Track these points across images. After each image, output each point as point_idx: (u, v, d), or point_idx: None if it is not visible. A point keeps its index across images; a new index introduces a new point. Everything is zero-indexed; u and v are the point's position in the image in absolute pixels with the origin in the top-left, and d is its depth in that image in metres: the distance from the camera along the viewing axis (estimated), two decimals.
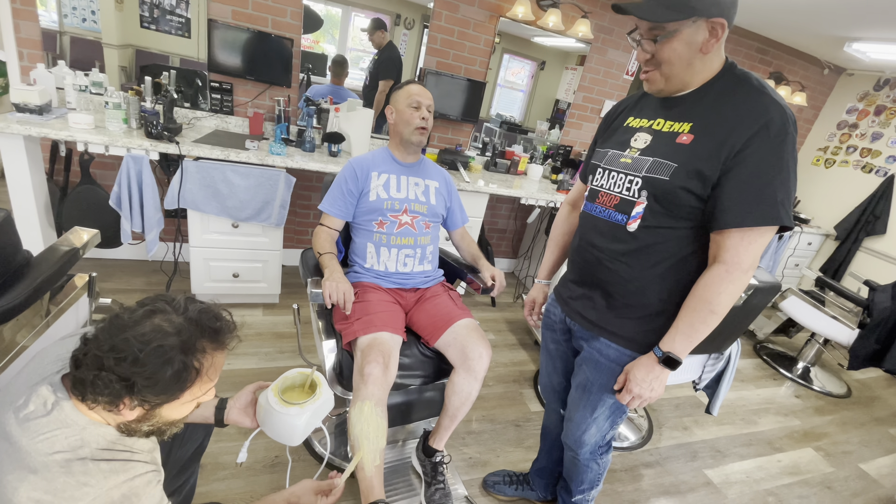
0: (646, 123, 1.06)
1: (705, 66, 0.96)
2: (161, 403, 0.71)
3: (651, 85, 1.01)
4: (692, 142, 0.95)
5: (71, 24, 2.20)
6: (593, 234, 1.13)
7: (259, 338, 2.28)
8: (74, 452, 0.65)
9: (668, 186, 0.96)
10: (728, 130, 0.90)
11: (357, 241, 1.63)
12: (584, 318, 1.17)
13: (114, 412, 0.69)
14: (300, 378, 1.10)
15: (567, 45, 3.10)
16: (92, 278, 1.37)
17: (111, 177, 2.41)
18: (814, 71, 3.74)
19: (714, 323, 0.96)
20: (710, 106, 0.95)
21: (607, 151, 1.12)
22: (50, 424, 0.66)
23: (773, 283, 1.60)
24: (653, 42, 0.94)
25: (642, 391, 1.04)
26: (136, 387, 0.66)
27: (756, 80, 0.94)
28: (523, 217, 3.57)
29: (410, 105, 1.53)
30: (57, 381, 0.71)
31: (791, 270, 3.98)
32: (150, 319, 0.69)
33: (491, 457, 1.87)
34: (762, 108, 0.89)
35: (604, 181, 1.10)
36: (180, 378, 0.69)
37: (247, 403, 1.08)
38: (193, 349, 0.70)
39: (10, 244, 1.10)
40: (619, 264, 1.07)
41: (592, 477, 1.37)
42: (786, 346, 3.43)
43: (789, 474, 2.15)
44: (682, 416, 2.40)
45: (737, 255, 0.93)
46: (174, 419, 0.77)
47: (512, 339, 2.78)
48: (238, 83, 2.50)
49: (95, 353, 0.66)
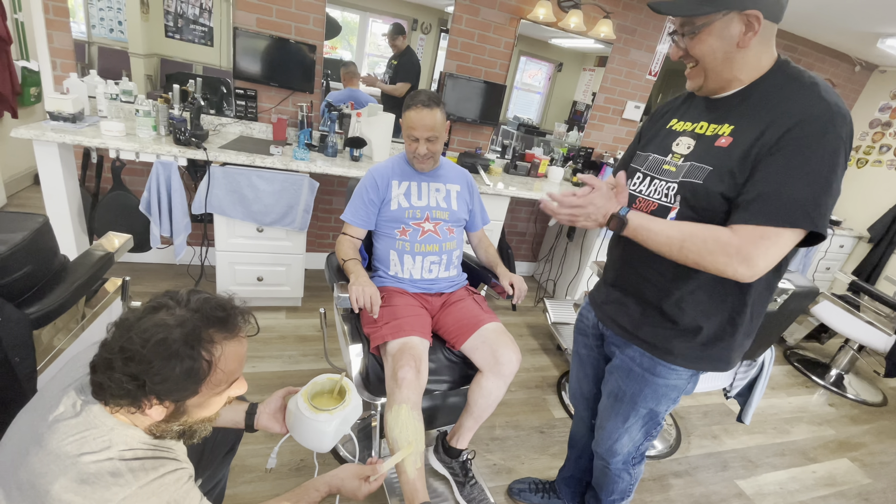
0: (689, 127, 1.01)
1: (748, 62, 0.90)
2: (182, 400, 0.69)
3: (691, 81, 0.98)
4: (730, 144, 0.91)
5: (99, 35, 2.26)
6: (627, 240, 1.08)
7: (283, 341, 2.30)
8: (102, 453, 0.65)
9: (701, 190, 0.92)
10: (763, 128, 0.86)
11: (379, 248, 1.63)
12: (617, 324, 1.14)
13: (139, 414, 0.69)
14: (329, 384, 1.10)
15: (585, 47, 3.06)
16: (125, 282, 1.40)
17: (140, 182, 2.46)
18: (844, 68, 3.63)
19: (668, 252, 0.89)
20: (754, 106, 0.90)
21: (649, 156, 1.07)
22: (78, 426, 0.66)
23: (811, 288, 1.55)
24: (687, 38, 0.91)
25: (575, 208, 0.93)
26: (147, 385, 0.65)
27: (808, 78, 0.87)
28: (544, 220, 3.53)
29: (409, 135, 1.49)
30: (86, 384, 0.72)
31: (822, 274, 3.85)
32: (152, 316, 0.68)
33: (515, 464, 1.84)
34: (803, 105, 0.83)
35: (643, 187, 1.05)
36: (192, 371, 0.67)
37: (276, 409, 1.08)
38: (200, 340, 0.68)
39: (48, 249, 1.13)
40: (653, 273, 1.04)
41: (623, 487, 1.33)
42: (818, 353, 3.32)
43: (825, 486, 2.07)
44: (710, 425, 2.34)
45: (750, 243, 0.83)
46: (204, 417, 0.76)
47: (534, 344, 2.75)
48: (262, 90, 2.54)
49: (105, 355, 0.66)
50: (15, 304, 0.98)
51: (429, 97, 1.45)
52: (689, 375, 1.09)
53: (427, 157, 1.52)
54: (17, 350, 0.97)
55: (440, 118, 1.46)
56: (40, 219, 1.12)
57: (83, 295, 1.20)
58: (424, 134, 1.46)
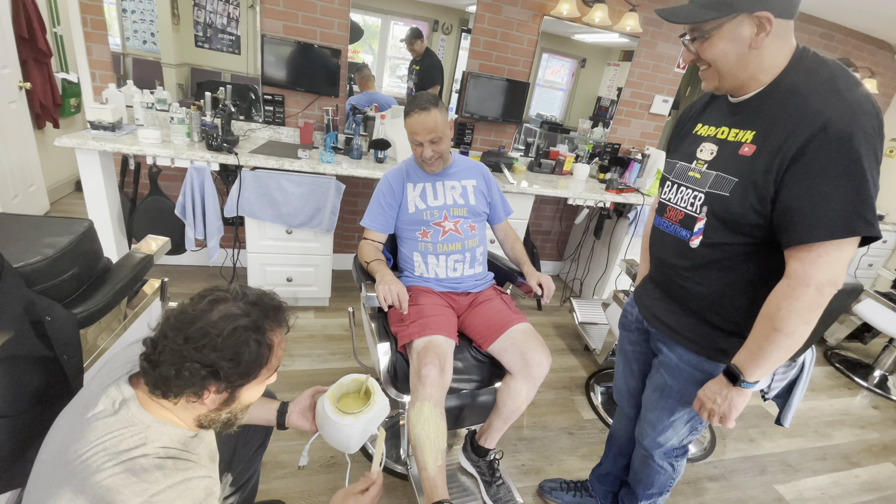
0: (712, 132, 1.00)
1: (765, 61, 0.88)
2: (242, 386, 0.74)
3: (707, 83, 0.96)
4: (753, 153, 0.89)
5: (133, 47, 2.35)
6: (661, 248, 1.11)
7: (311, 340, 2.34)
8: (137, 450, 0.67)
9: (727, 203, 0.91)
10: (784, 138, 0.83)
11: (404, 250, 1.64)
12: (662, 323, 1.14)
13: (198, 403, 0.72)
14: (355, 385, 1.11)
15: (610, 41, 3.01)
16: (164, 283, 1.45)
17: (175, 188, 2.54)
18: (884, 56, 3.46)
19: (782, 342, 0.88)
20: (774, 109, 0.88)
21: (676, 163, 1.08)
22: (117, 423, 0.69)
23: (854, 285, 1.48)
24: (697, 42, 0.90)
25: (706, 401, 1.00)
26: (221, 371, 0.69)
27: (826, 72, 0.85)
28: (569, 218, 3.49)
29: (412, 141, 1.49)
30: (125, 383, 0.74)
31: (865, 271, 3.69)
32: (216, 307, 0.72)
33: (544, 464, 1.83)
34: (821, 108, 0.80)
35: (672, 195, 1.07)
36: (259, 356, 0.73)
37: (306, 407, 1.10)
38: (263, 329, 0.74)
39: (93, 252, 1.18)
40: (688, 281, 1.05)
41: (664, 481, 1.31)
42: (860, 353, 3.17)
43: (868, 491, 1.98)
44: (747, 428, 2.26)
45: (803, 269, 0.84)
46: (249, 402, 0.81)
47: (561, 344, 2.72)
48: (289, 95, 2.59)
49: (172, 348, 0.68)
50: (63, 305, 1.02)
51: (425, 100, 1.43)
52: None
53: (434, 158, 1.51)
54: (66, 348, 1.02)
55: (440, 118, 1.44)
56: (85, 223, 1.17)
57: (125, 296, 1.24)
58: (427, 137, 1.45)
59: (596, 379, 2.40)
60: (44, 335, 0.98)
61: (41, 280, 1.00)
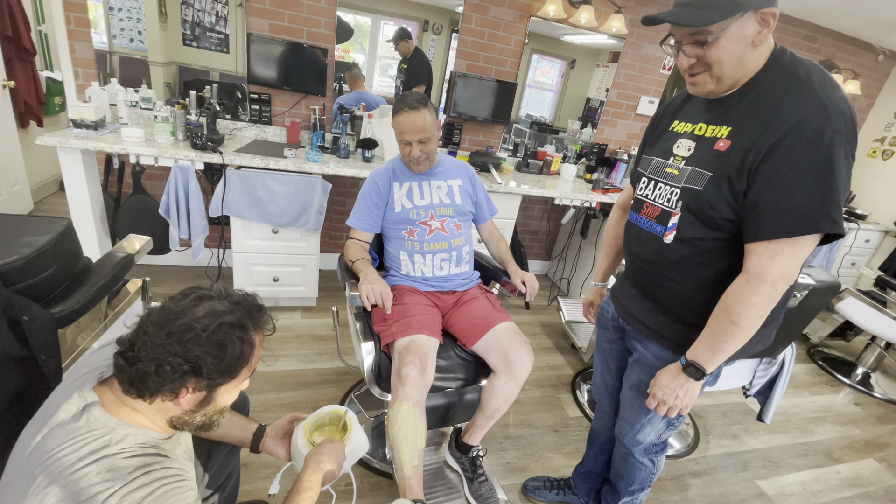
0: (689, 128, 1.01)
1: (755, 59, 0.88)
2: (223, 383, 0.74)
3: (699, 88, 0.93)
4: (728, 148, 0.90)
5: (119, 45, 2.32)
6: (636, 245, 1.11)
7: (298, 340, 2.34)
8: (100, 451, 0.66)
9: (702, 197, 0.92)
10: (758, 134, 0.84)
11: (390, 249, 1.64)
12: (637, 320, 1.15)
13: (173, 403, 0.71)
14: (333, 417, 1.10)
15: (598, 43, 3.03)
16: (145, 282, 1.44)
17: (160, 187, 2.52)
18: (867, 58, 3.52)
19: (739, 335, 0.91)
20: (750, 105, 0.89)
21: (652, 159, 1.08)
22: (79, 430, 0.67)
23: (832, 283, 1.51)
24: (699, 45, 0.86)
25: (666, 397, 1.02)
26: (204, 367, 0.69)
27: (804, 71, 0.85)
28: (556, 218, 3.51)
29: (400, 140, 1.48)
30: (88, 390, 0.73)
31: (847, 270, 3.74)
32: (201, 304, 0.72)
33: (529, 462, 1.84)
34: (796, 106, 0.82)
35: (648, 192, 1.07)
36: (241, 354, 0.73)
37: (282, 434, 1.09)
38: (247, 327, 0.75)
39: (72, 251, 1.17)
40: (662, 277, 1.06)
41: (644, 477, 1.33)
42: (843, 351, 3.22)
43: (850, 486, 2.02)
44: (730, 424, 2.29)
45: (760, 265, 0.86)
46: (225, 405, 0.80)
47: (548, 343, 2.73)
48: (275, 94, 2.58)
49: (154, 342, 0.68)
50: (41, 304, 1.01)
51: (415, 99, 1.43)
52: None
53: (422, 158, 1.51)
54: (43, 348, 1.01)
55: (429, 118, 1.44)
56: (64, 222, 1.16)
57: (105, 295, 1.23)
58: (416, 136, 1.45)
59: (582, 377, 2.41)
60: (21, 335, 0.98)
61: (18, 279, 0.99)
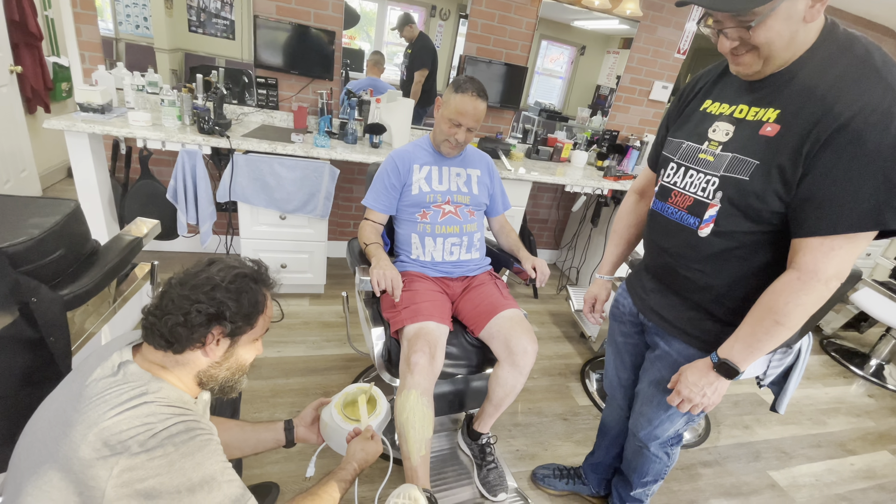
0: (726, 110, 0.91)
1: (805, 35, 0.79)
2: (245, 330, 0.80)
3: (745, 68, 0.84)
4: (777, 133, 0.81)
5: (125, 31, 2.30)
6: (663, 236, 1.03)
7: (306, 327, 2.33)
8: (139, 398, 0.69)
9: (747, 188, 0.84)
10: (816, 119, 0.76)
11: (401, 232, 1.62)
12: (660, 316, 1.08)
13: (201, 352, 0.77)
14: (359, 393, 1.16)
15: (610, 28, 2.96)
16: (154, 266, 1.43)
17: (167, 173, 2.51)
18: (887, 43, 3.42)
19: (781, 335, 0.85)
20: (803, 86, 0.80)
21: (682, 143, 0.98)
22: (117, 382, 0.71)
23: (854, 271, 1.47)
24: (744, 28, 0.78)
25: (692, 395, 0.96)
26: (227, 311, 0.76)
27: (861, 49, 0.77)
28: (566, 206, 3.47)
29: (451, 119, 1.46)
30: (126, 350, 0.77)
31: (863, 260, 3.68)
32: (216, 264, 0.81)
33: (539, 450, 1.83)
34: (859, 88, 0.74)
35: (678, 179, 0.97)
36: (257, 302, 0.81)
37: (310, 421, 1.15)
38: (257, 280, 0.83)
39: (80, 233, 1.16)
40: (692, 271, 0.97)
41: (658, 469, 1.31)
42: (856, 342, 3.18)
43: (864, 478, 1.99)
44: (741, 415, 2.27)
45: (814, 262, 0.79)
46: (246, 362, 0.86)
47: (556, 332, 2.71)
48: (282, 78, 2.54)
49: (179, 294, 0.74)
50: (49, 286, 1.00)
51: (480, 88, 1.45)
52: None
53: (463, 144, 1.52)
54: (52, 330, 1.00)
55: (484, 111, 1.47)
56: (72, 204, 1.15)
57: (114, 278, 1.22)
58: (470, 123, 1.46)
59: (591, 366, 2.40)
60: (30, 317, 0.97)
61: (27, 261, 0.98)
